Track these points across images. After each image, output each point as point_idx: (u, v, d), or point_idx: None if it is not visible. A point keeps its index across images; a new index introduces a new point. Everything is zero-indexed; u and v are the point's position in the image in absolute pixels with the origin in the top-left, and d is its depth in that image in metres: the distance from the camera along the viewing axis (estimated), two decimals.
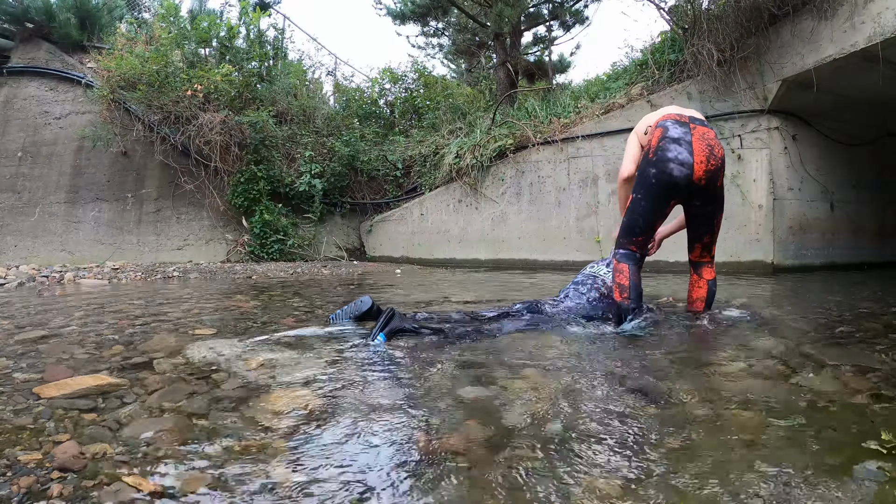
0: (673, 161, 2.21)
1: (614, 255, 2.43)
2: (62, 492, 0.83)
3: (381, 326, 1.98)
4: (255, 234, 7.34)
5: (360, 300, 2.40)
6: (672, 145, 2.23)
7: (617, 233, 2.47)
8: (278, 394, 1.31)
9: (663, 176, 2.23)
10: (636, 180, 2.37)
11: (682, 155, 2.21)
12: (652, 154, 2.27)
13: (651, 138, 2.32)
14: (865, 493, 0.84)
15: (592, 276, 2.68)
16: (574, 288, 2.65)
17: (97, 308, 2.91)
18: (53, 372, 1.49)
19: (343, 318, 2.37)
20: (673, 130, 2.27)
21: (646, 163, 2.31)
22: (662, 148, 2.24)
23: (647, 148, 2.32)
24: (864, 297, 3.41)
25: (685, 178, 2.21)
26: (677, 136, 2.25)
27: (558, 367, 1.57)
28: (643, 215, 2.33)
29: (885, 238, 6.44)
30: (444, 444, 1.03)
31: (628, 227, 2.38)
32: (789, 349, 1.82)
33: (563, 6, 12.22)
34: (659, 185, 2.25)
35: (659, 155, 2.24)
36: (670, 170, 2.22)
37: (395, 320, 2.02)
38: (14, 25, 8.14)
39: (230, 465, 0.93)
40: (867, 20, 4.30)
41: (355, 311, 2.36)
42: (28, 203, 7.47)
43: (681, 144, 2.23)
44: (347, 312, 2.38)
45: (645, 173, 2.30)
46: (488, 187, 7.22)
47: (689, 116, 2.36)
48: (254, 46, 8.65)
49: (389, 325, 1.99)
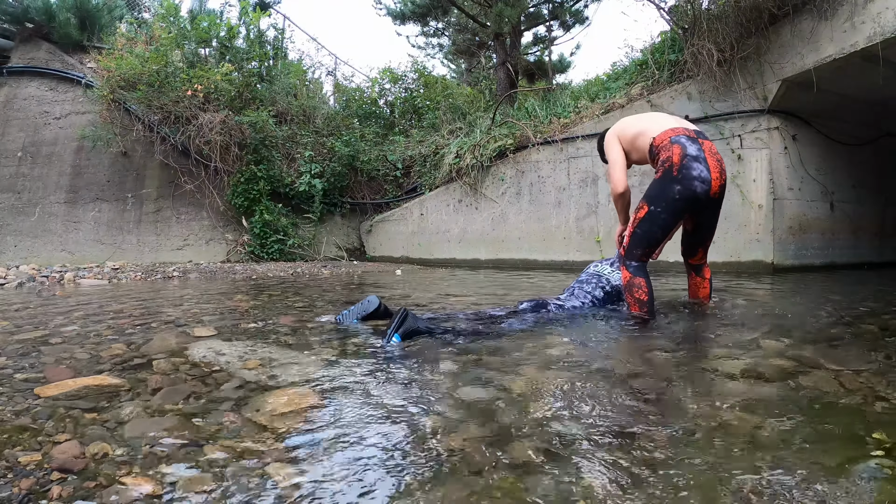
0: (696, 179, 2.33)
1: (627, 267, 2.45)
2: (62, 493, 0.83)
3: (395, 327, 1.91)
4: (255, 234, 7.34)
5: (367, 300, 2.36)
6: (694, 163, 2.34)
7: (627, 242, 2.49)
8: (278, 394, 1.31)
9: (687, 192, 2.34)
10: (653, 194, 2.42)
11: (703, 173, 2.33)
12: (676, 172, 2.35)
13: (671, 155, 2.38)
14: (865, 492, 0.84)
15: (597, 275, 2.70)
16: (578, 287, 2.67)
17: (97, 308, 2.91)
18: (53, 372, 1.49)
19: (350, 318, 2.33)
20: (690, 148, 2.37)
21: (670, 179, 2.37)
22: (686, 167, 2.33)
23: (668, 164, 2.38)
24: (863, 297, 3.41)
25: (704, 193, 2.34)
26: (696, 154, 2.35)
27: (562, 367, 1.57)
28: (663, 228, 2.42)
29: (885, 238, 6.44)
30: (445, 444, 1.03)
31: (645, 240, 2.43)
32: (789, 349, 1.82)
33: (563, 6, 12.23)
34: (682, 201, 2.36)
35: (684, 173, 2.33)
36: (694, 187, 2.33)
37: (409, 320, 1.95)
38: (14, 25, 8.15)
39: (230, 466, 0.93)
40: (867, 20, 4.30)
41: (362, 312, 2.32)
42: (28, 203, 7.47)
43: (700, 162, 2.34)
44: (354, 313, 2.33)
45: (668, 189, 2.37)
46: (488, 187, 7.23)
47: (694, 131, 2.47)
48: (254, 46, 8.66)
49: (404, 325, 1.93)
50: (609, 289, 2.62)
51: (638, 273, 2.40)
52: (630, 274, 2.42)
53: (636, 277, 2.39)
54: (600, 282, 2.66)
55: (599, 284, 2.64)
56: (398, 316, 1.95)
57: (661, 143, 2.45)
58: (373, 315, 2.32)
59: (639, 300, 2.37)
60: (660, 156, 2.44)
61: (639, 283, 2.38)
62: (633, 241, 2.45)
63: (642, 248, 2.44)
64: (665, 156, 2.41)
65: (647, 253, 2.46)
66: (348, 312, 2.36)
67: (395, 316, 1.97)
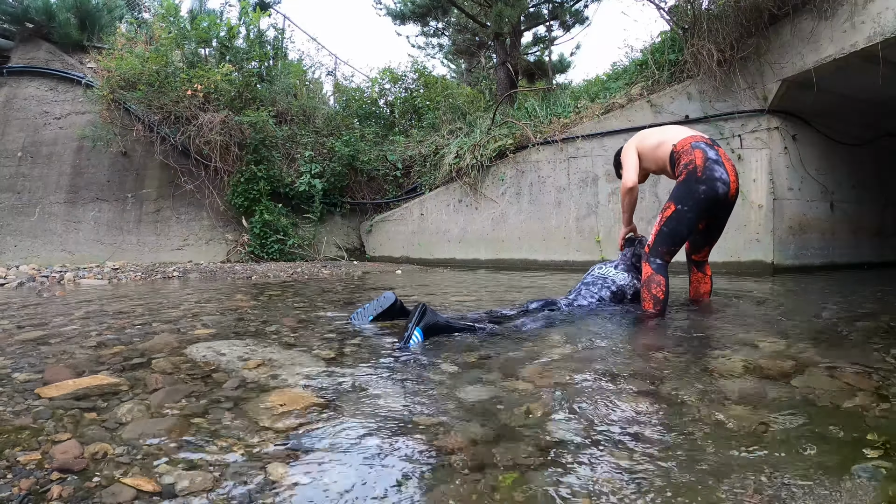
0: (719, 180, 2.50)
1: (650, 263, 2.54)
2: (62, 493, 0.83)
3: (416, 321, 1.85)
4: (254, 234, 7.34)
5: (382, 296, 2.29)
6: (716, 166, 2.52)
7: (652, 240, 2.60)
8: (278, 394, 1.31)
9: (710, 192, 2.49)
10: (679, 194, 2.56)
11: (724, 175, 2.51)
12: (700, 173, 2.51)
13: (693, 159, 2.56)
14: (864, 492, 0.84)
15: (602, 276, 2.77)
16: (585, 288, 2.73)
17: (97, 308, 2.91)
18: (53, 372, 1.49)
19: (365, 316, 2.26)
20: (710, 152, 2.56)
21: (694, 180, 2.52)
22: (710, 168, 2.51)
23: (692, 167, 2.55)
24: (863, 297, 3.41)
25: (725, 194, 2.51)
26: (716, 158, 2.54)
27: (563, 367, 1.57)
28: (688, 226, 2.55)
29: (884, 238, 6.44)
30: (446, 443, 1.03)
31: (671, 237, 2.55)
32: (789, 349, 1.82)
33: (563, 6, 12.23)
34: (706, 200, 2.50)
35: (708, 174, 2.50)
36: (717, 187, 2.49)
37: (428, 314, 1.89)
38: (14, 25, 8.15)
39: (230, 465, 0.93)
40: (867, 20, 4.30)
41: (378, 308, 2.25)
42: (28, 203, 7.47)
43: (720, 165, 2.53)
44: (369, 310, 2.26)
45: (693, 189, 2.52)
46: (488, 187, 7.23)
47: (710, 139, 2.68)
48: (254, 46, 8.65)
49: (424, 319, 1.86)
50: (615, 289, 2.69)
51: (660, 271, 2.51)
52: (652, 270, 2.52)
53: (657, 275, 2.50)
54: (606, 283, 2.72)
55: (605, 285, 2.71)
56: (417, 311, 1.89)
57: (682, 149, 2.63)
58: (388, 311, 2.25)
59: (655, 297, 2.47)
60: (681, 160, 2.61)
61: (659, 280, 2.48)
62: (660, 238, 2.57)
63: (667, 246, 2.55)
64: (687, 159, 2.58)
65: (672, 252, 2.57)
66: (362, 310, 2.29)
67: (414, 311, 1.90)
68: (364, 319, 2.27)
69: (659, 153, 2.76)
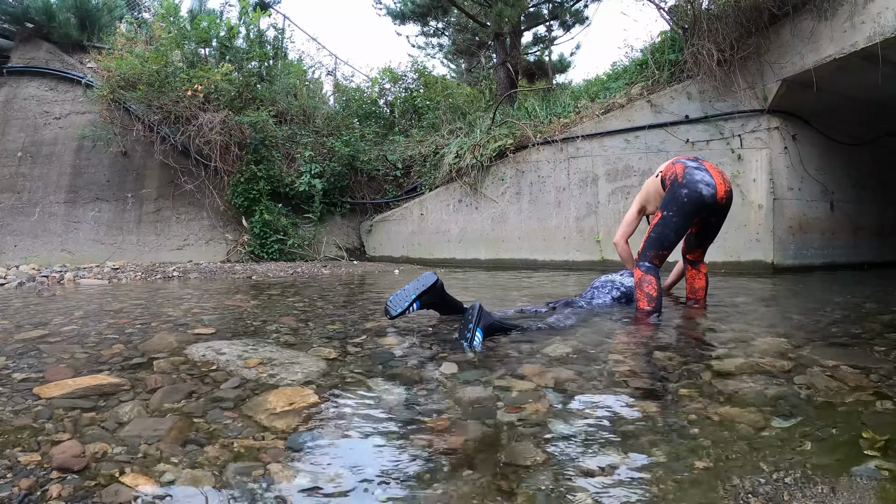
0: (700, 182, 2.58)
1: (640, 267, 2.67)
2: (62, 492, 0.83)
3: (476, 321, 1.81)
4: (254, 234, 7.33)
5: (423, 276, 2.22)
6: (696, 171, 2.64)
7: (642, 247, 2.72)
8: (278, 393, 1.31)
9: (693, 194, 2.58)
10: (665, 201, 2.68)
11: (707, 178, 2.60)
12: (681, 179, 2.63)
13: (674, 171, 2.70)
14: (864, 492, 0.84)
15: (610, 280, 2.99)
16: (596, 290, 2.94)
17: (97, 308, 2.91)
18: (53, 372, 1.49)
19: (406, 297, 2.16)
20: (690, 163, 2.70)
21: (676, 186, 2.64)
22: (689, 174, 2.63)
23: (673, 177, 2.69)
24: (863, 297, 3.41)
25: (711, 196, 2.58)
26: (696, 166, 2.68)
27: (562, 366, 1.57)
28: (675, 230, 2.64)
29: (885, 238, 6.44)
30: (446, 443, 1.03)
31: (658, 241, 2.66)
32: (789, 348, 1.82)
33: (563, 6, 12.23)
34: (690, 203, 2.59)
35: (688, 178, 2.62)
36: (700, 189, 2.57)
37: (485, 315, 1.85)
38: (14, 25, 8.15)
39: (230, 465, 0.93)
40: (867, 20, 4.30)
41: (420, 287, 2.16)
42: (28, 203, 7.47)
43: (701, 170, 2.64)
44: (411, 291, 2.17)
45: (676, 194, 2.62)
46: (488, 187, 7.22)
47: (695, 157, 2.83)
48: (254, 46, 8.65)
49: (482, 319, 1.83)
50: (624, 289, 2.87)
51: (649, 272, 2.61)
52: (642, 272, 2.62)
53: (647, 275, 2.60)
54: (615, 285, 2.92)
55: (615, 287, 2.91)
56: (475, 311, 1.85)
57: (667, 171, 2.79)
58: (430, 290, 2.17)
59: (647, 294, 2.55)
60: (667, 178, 2.75)
61: (649, 279, 2.58)
62: (648, 243, 2.68)
63: (655, 250, 2.65)
64: (670, 173, 2.73)
65: (660, 256, 2.66)
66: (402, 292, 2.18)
67: (472, 311, 1.87)
68: (404, 301, 2.16)
69: (652, 188, 2.90)
